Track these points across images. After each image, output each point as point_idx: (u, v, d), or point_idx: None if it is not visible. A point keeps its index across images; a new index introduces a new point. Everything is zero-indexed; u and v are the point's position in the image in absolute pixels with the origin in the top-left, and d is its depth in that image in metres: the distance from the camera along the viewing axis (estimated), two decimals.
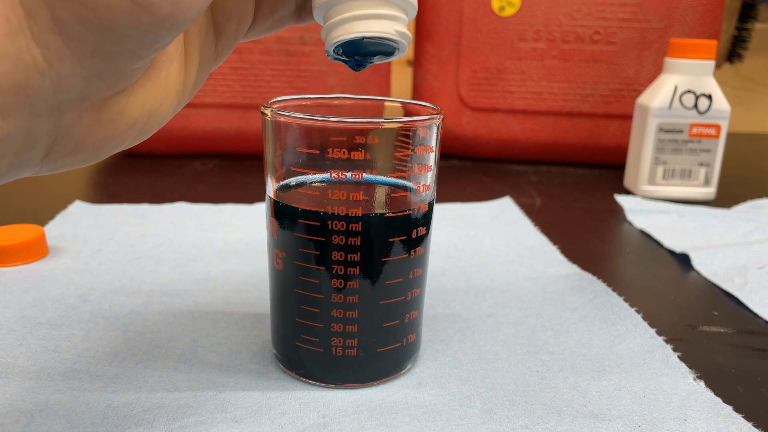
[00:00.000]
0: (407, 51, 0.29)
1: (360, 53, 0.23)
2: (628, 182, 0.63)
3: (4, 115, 0.15)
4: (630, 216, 0.54)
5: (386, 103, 0.31)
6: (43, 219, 0.47)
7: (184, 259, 0.42)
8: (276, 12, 0.24)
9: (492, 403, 0.27)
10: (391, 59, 0.24)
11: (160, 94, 0.19)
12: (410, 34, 0.24)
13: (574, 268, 0.43)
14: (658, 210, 0.55)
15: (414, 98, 0.76)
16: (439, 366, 0.30)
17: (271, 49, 0.66)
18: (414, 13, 0.23)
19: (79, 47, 0.15)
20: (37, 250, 0.41)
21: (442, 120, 0.28)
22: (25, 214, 0.48)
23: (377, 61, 0.24)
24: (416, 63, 0.75)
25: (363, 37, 0.22)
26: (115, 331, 0.32)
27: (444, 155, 0.75)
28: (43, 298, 0.35)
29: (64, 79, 0.16)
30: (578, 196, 0.62)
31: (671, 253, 0.47)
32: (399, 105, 0.30)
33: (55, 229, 0.45)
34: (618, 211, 0.56)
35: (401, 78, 0.90)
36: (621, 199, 0.58)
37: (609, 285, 0.39)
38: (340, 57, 0.23)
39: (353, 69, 0.25)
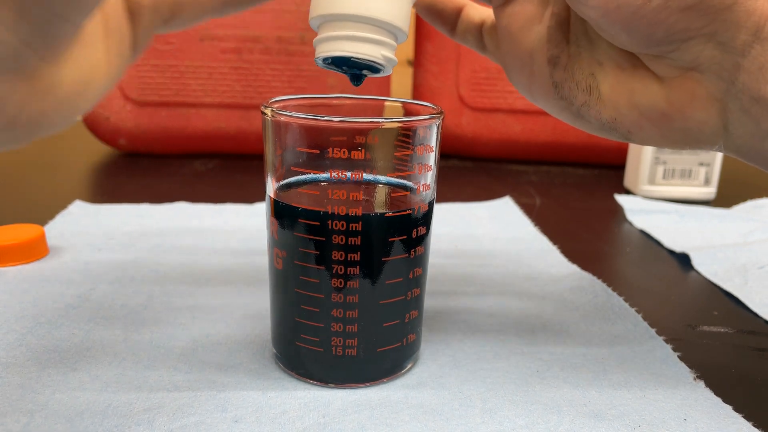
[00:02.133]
0: (408, 52, 0.32)
1: (347, 65, 0.25)
2: (628, 182, 0.63)
3: None
4: (630, 216, 0.54)
5: (386, 103, 0.31)
6: (43, 219, 0.47)
7: (184, 259, 0.42)
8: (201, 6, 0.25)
9: (492, 403, 0.27)
10: (377, 75, 0.26)
11: (88, 71, 0.20)
12: (396, 59, 0.25)
13: (574, 268, 0.43)
14: (658, 210, 0.55)
15: (414, 98, 0.76)
16: (439, 366, 0.30)
17: (271, 49, 0.66)
18: (404, 38, 0.25)
19: (5, 12, 0.15)
20: (37, 250, 0.41)
21: (443, 120, 0.28)
22: (25, 214, 0.48)
23: (365, 74, 0.25)
24: (416, 63, 0.75)
25: (350, 57, 0.24)
26: (115, 331, 0.32)
27: (444, 155, 0.75)
28: (43, 298, 0.35)
29: None
30: (578, 196, 0.62)
31: (671, 253, 0.47)
32: (399, 105, 0.30)
33: (55, 229, 0.45)
34: (618, 211, 0.56)
35: (401, 78, 0.90)
36: (621, 198, 0.58)
37: (609, 285, 0.39)
38: (329, 66, 0.25)
39: (352, 82, 0.26)
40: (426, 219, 0.28)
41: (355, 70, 0.25)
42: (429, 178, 0.28)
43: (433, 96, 0.72)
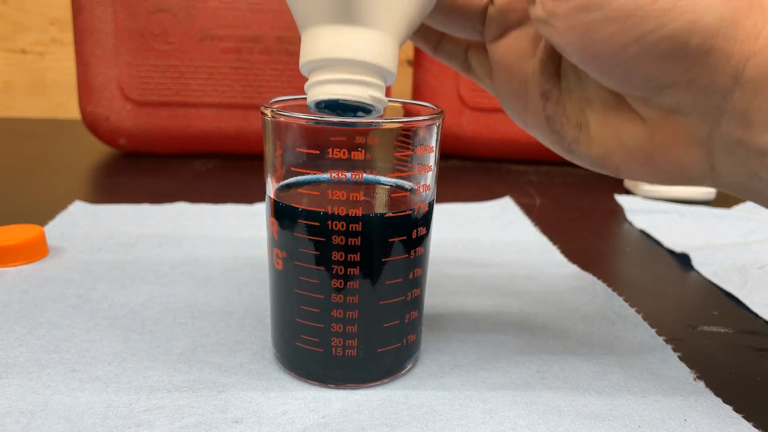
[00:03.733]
0: (408, 52, 0.32)
1: (340, 108, 0.25)
2: (628, 182, 0.63)
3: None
4: (630, 216, 0.54)
5: (389, 104, 0.31)
6: (43, 219, 0.47)
7: (184, 259, 0.42)
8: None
9: (492, 404, 0.27)
10: (370, 117, 0.26)
11: None
12: (386, 100, 0.26)
13: (574, 269, 0.43)
14: (658, 210, 0.55)
15: (414, 98, 0.76)
16: (439, 366, 0.30)
17: (271, 49, 0.66)
18: (392, 79, 0.26)
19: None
20: (37, 250, 0.40)
21: (443, 120, 0.28)
22: (25, 214, 0.48)
23: (358, 116, 0.26)
24: (416, 63, 0.75)
25: (338, 99, 0.24)
26: (115, 331, 0.32)
27: (444, 155, 0.75)
28: (43, 298, 0.35)
29: None
30: (578, 196, 0.62)
31: (671, 253, 0.47)
32: (399, 105, 0.30)
33: (55, 229, 0.45)
34: (618, 211, 0.56)
35: (401, 78, 0.90)
36: (621, 199, 0.58)
37: (609, 285, 0.39)
38: (323, 110, 0.25)
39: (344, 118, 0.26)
40: (426, 219, 0.28)
41: (348, 112, 0.25)
42: (429, 178, 0.28)
43: (433, 96, 0.72)
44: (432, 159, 0.27)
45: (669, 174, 0.25)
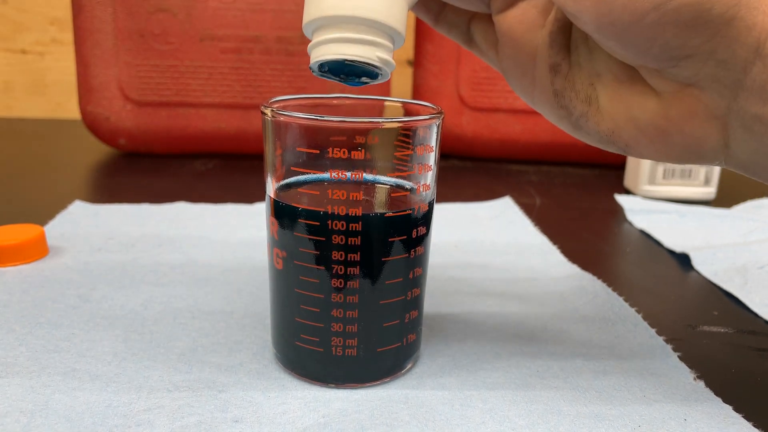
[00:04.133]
0: (408, 52, 0.31)
1: (344, 72, 0.24)
2: (628, 182, 0.63)
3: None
4: (630, 216, 0.54)
5: (386, 103, 0.31)
6: (43, 219, 0.47)
7: (184, 259, 0.42)
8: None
9: (492, 403, 0.27)
10: (375, 82, 0.25)
11: None
12: (394, 62, 0.25)
13: (574, 269, 0.43)
14: (658, 210, 0.55)
15: (414, 98, 0.76)
16: (439, 366, 0.30)
17: (271, 49, 0.66)
18: (401, 42, 0.25)
19: None
20: (37, 250, 0.40)
21: (443, 120, 0.28)
22: (25, 214, 0.48)
23: (363, 81, 0.25)
24: (416, 63, 0.75)
25: (344, 60, 0.23)
26: (115, 331, 0.32)
27: (444, 155, 0.75)
28: (43, 298, 0.35)
29: None
30: (578, 196, 0.62)
31: (671, 253, 0.47)
32: (399, 105, 0.30)
33: (55, 229, 0.45)
34: (618, 211, 0.56)
35: (401, 78, 0.90)
36: (621, 198, 0.58)
37: (609, 285, 0.39)
38: (325, 74, 0.24)
39: (346, 84, 0.26)
40: (426, 219, 0.28)
41: (352, 77, 0.24)
42: (429, 178, 0.28)
43: (434, 96, 0.72)
44: (432, 159, 0.27)
45: (680, 150, 0.24)
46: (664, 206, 0.56)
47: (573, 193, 0.63)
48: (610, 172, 0.71)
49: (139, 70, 0.65)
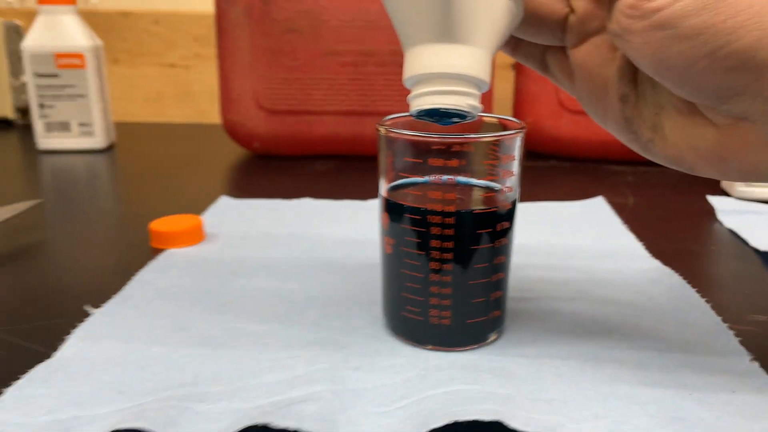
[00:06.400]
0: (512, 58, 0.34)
1: (439, 115, 0.29)
2: (725, 183, 0.64)
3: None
4: (721, 216, 0.56)
5: (483, 119, 0.37)
6: (198, 210, 0.57)
7: (311, 245, 0.50)
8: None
9: (563, 370, 0.33)
10: (465, 121, 0.30)
11: None
12: (481, 105, 0.29)
13: (655, 263, 0.46)
14: (750, 210, 0.56)
15: (515, 102, 0.80)
16: (519, 339, 0.36)
17: (385, 62, 0.73)
18: (486, 88, 0.29)
19: None
20: (197, 236, 0.50)
21: (525, 133, 0.33)
22: (182, 206, 0.59)
23: (454, 121, 0.30)
24: (518, 68, 0.79)
25: (439, 108, 0.28)
26: (260, 301, 0.40)
27: (543, 156, 0.79)
28: (203, 275, 0.45)
29: None
30: (672, 196, 0.64)
31: (756, 251, 0.49)
32: (492, 120, 0.36)
33: (208, 219, 0.56)
34: (710, 212, 0.58)
35: (504, 82, 0.94)
36: (713, 199, 0.60)
37: (687, 279, 0.43)
38: (423, 117, 0.30)
39: (440, 124, 0.30)
40: (509, 215, 0.34)
41: (445, 118, 0.29)
42: (512, 181, 0.34)
43: (534, 100, 0.77)
44: (515, 165, 0.33)
45: (739, 174, 0.27)
46: (756, 207, 0.57)
47: (667, 193, 0.65)
48: None
49: (271, 83, 0.75)
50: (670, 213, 0.59)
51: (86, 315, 0.38)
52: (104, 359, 0.33)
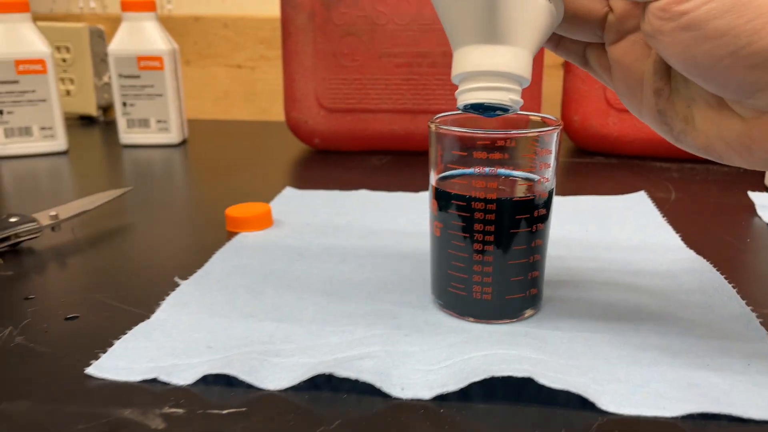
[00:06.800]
0: (560, 58, 0.37)
1: (483, 108, 0.33)
2: None
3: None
4: (760, 211, 0.58)
5: (526, 117, 0.41)
6: (266, 199, 0.63)
7: (367, 232, 0.55)
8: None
9: (592, 342, 0.36)
10: (507, 114, 0.34)
11: None
12: (522, 100, 0.33)
13: (690, 253, 0.49)
14: None
15: (564, 100, 0.83)
16: (555, 315, 0.40)
17: (438, 63, 0.78)
18: (527, 83, 0.32)
19: None
20: (266, 221, 0.56)
21: (561, 130, 0.37)
22: (252, 195, 0.65)
23: (497, 114, 0.33)
24: (566, 68, 0.82)
25: (483, 103, 0.32)
26: (323, 278, 0.46)
27: (590, 153, 0.82)
28: (273, 256, 0.50)
29: None
30: (715, 192, 0.66)
31: None
32: (534, 117, 0.40)
33: (275, 207, 0.61)
34: (750, 207, 0.60)
35: (553, 79, 0.97)
36: (754, 195, 0.62)
37: (719, 268, 0.45)
38: (469, 110, 0.34)
39: (484, 116, 0.34)
40: (546, 203, 0.38)
41: (489, 111, 0.33)
42: (548, 173, 0.38)
43: (581, 98, 0.80)
44: (551, 158, 0.37)
45: (765, 162, 0.29)
46: None
47: (711, 189, 0.67)
48: (754, 170, 0.73)
49: (331, 83, 0.81)
50: (710, 207, 0.61)
51: (176, 285, 0.44)
52: (193, 321, 0.39)
